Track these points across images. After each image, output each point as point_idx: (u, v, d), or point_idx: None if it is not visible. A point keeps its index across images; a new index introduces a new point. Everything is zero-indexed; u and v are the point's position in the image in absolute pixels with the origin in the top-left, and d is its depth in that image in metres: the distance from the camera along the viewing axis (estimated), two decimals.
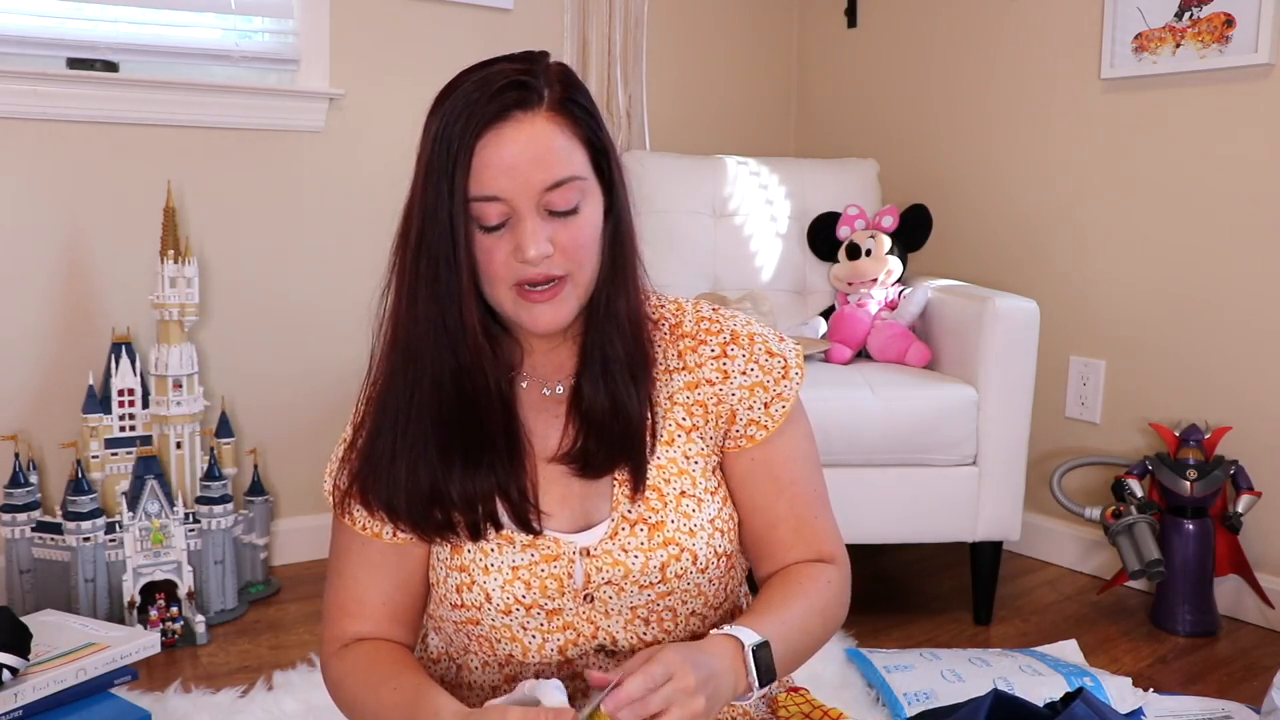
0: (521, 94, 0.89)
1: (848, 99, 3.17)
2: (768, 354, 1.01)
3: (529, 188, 0.89)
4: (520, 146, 0.88)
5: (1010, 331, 2.15)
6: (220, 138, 2.39)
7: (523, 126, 0.89)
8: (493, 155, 0.88)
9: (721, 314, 1.04)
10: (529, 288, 0.92)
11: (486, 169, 0.88)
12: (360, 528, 1.01)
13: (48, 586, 2.10)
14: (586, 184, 0.92)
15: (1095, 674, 1.89)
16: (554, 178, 0.89)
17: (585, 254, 0.93)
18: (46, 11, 2.21)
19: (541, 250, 0.89)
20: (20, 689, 1.43)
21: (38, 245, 2.22)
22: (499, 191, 0.89)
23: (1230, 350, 2.30)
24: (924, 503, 2.15)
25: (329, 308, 2.54)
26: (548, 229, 0.90)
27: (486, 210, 0.89)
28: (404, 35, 2.58)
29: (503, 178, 0.88)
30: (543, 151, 0.89)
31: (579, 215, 0.92)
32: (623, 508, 0.98)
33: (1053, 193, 2.63)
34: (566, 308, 0.93)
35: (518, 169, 0.88)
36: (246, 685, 1.86)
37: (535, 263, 0.90)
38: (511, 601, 0.97)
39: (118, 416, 2.17)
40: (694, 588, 0.99)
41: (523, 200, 0.89)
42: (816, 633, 1.00)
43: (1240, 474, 2.20)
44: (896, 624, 2.23)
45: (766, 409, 1.01)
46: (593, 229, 0.93)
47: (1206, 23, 2.28)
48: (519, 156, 0.88)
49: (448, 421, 0.94)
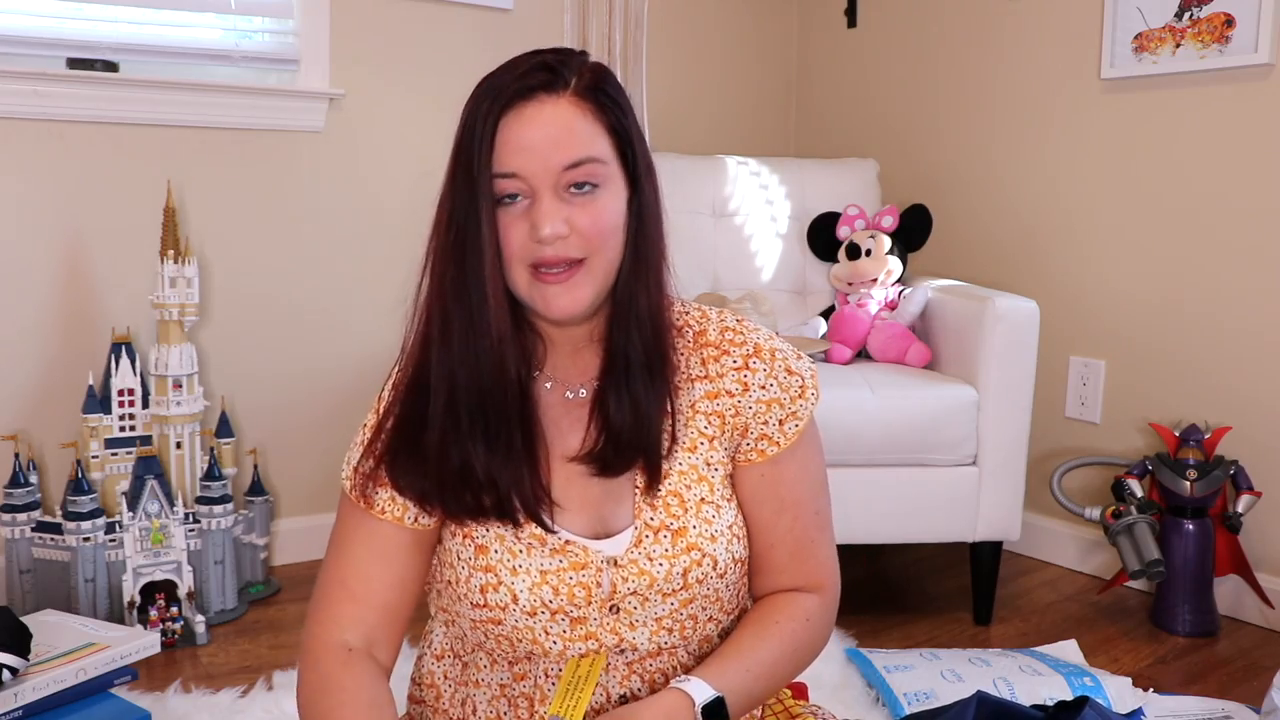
0: (548, 77, 0.91)
1: (848, 99, 3.17)
2: (787, 372, 1.02)
3: (547, 166, 0.89)
4: (541, 126, 0.90)
5: (1010, 331, 2.15)
6: (220, 138, 2.39)
7: (545, 107, 0.90)
8: (514, 133, 0.90)
9: (745, 325, 1.03)
10: (544, 270, 0.91)
11: (507, 146, 0.90)
12: (379, 511, 0.99)
13: (48, 586, 2.10)
14: (608, 169, 0.92)
15: (1095, 674, 1.89)
16: (572, 157, 0.90)
17: (603, 238, 0.92)
18: (46, 11, 2.21)
19: (556, 230, 0.89)
20: (20, 689, 1.43)
21: (38, 245, 2.22)
22: (517, 169, 0.90)
23: (1230, 350, 2.30)
24: (924, 503, 2.15)
25: (329, 307, 2.53)
26: (565, 210, 0.90)
27: (506, 188, 0.90)
28: (404, 35, 2.58)
29: (522, 155, 0.89)
30: (563, 132, 0.90)
31: (598, 199, 0.91)
32: (645, 515, 0.98)
33: (1053, 192, 2.62)
34: (581, 293, 0.92)
35: (536, 148, 0.89)
36: (246, 685, 1.86)
37: (549, 242, 0.89)
38: (539, 604, 0.96)
39: (118, 416, 2.17)
40: (713, 593, 0.99)
41: (541, 179, 0.90)
42: (784, 675, 1.01)
43: (1240, 474, 2.20)
44: (896, 624, 2.23)
45: (780, 425, 1.01)
46: (613, 215, 0.93)
47: (1206, 23, 2.28)
48: (539, 135, 0.89)
49: (470, 405, 0.94)
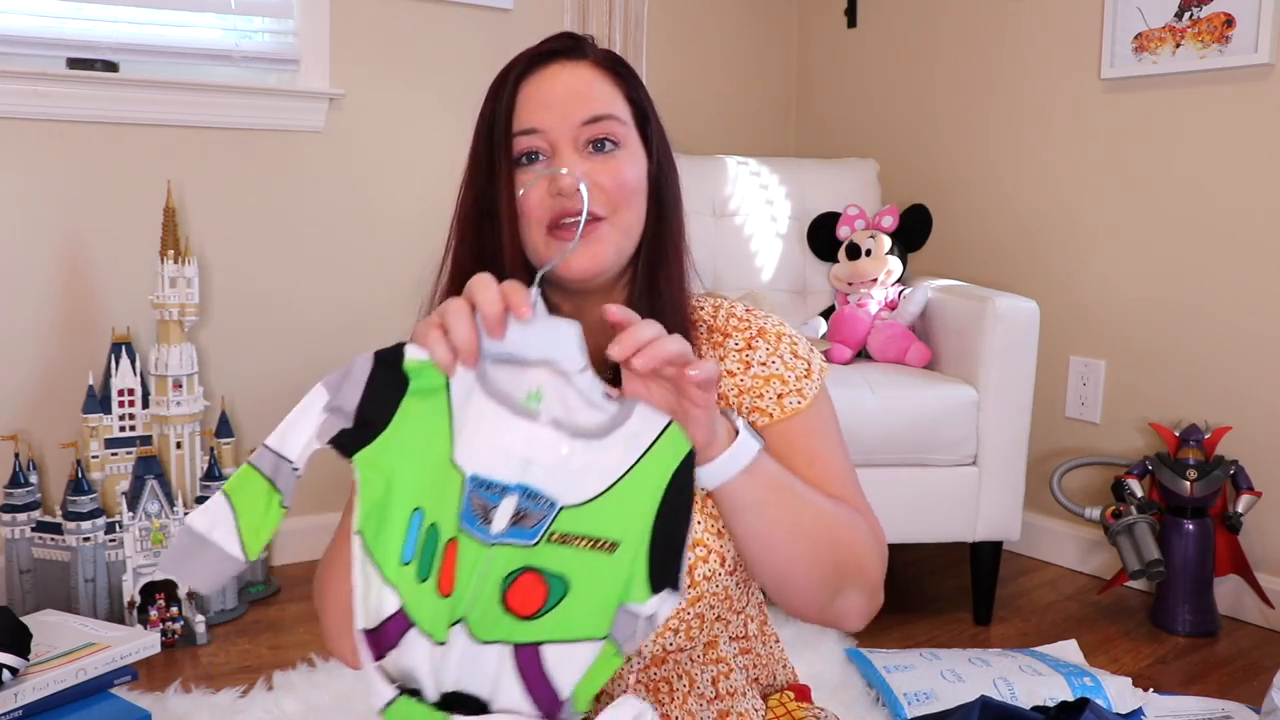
0: (570, 43, 0.94)
1: (848, 99, 3.17)
2: (793, 354, 0.98)
3: (566, 121, 0.90)
4: (561, 83, 0.91)
5: (1010, 331, 2.15)
6: (220, 138, 2.39)
7: (565, 67, 0.92)
8: (534, 91, 0.91)
9: (755, 314, 1.01)
10: (563, 226, 0.89)
11: (528, 103, 0.91)
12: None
13: (48, 586, 2.10)
14: (627, 131, 0.93)
15: (1095, 674, 1.89)
16: (592, 112, 0.90)
17: (625, 196, 0.91)
18: (46, 11, 2.21)
19: (576, 178, 0.88)
20: (20, 689, 1.43)
21: (38, 245, 2.22)
22: (537, 124, 0.90)
23: (1230, 350, 2.30)
24: (924, 503, 2.15)
25: (329, 307, 2.53)
26: (585, 165, 0.90)
27: (525, 145, 0.91)
28: (404, 35, 2.58)
29: (541, 111, 0.90)
30: (583, 88, 0.91)
31: (618, 158, 0.91)
32: None
33: (1053, 193, 2.62)
34: (603, 248, 0.90)
35: (555, 103, 0.90)
36: (246, 685, 1.86)
37: (569, 192, 0.88)
38: None
39: (118, 416, 2.17)
40: (722, 590, 0.95)
41: (561, 132, 0.90)
42: (825, 531, 0.88)
43: (1240, 474, 2.20)
44: (896, 624, 2.23)
45: (779, 400, 0.96)
46: (633, 177, 0.92)
47: (1206, 23, 2.28)
48: (559, 91, 0.91)
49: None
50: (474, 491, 0.74)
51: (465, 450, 0.74)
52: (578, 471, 0.74)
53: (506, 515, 0.73)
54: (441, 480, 0.74)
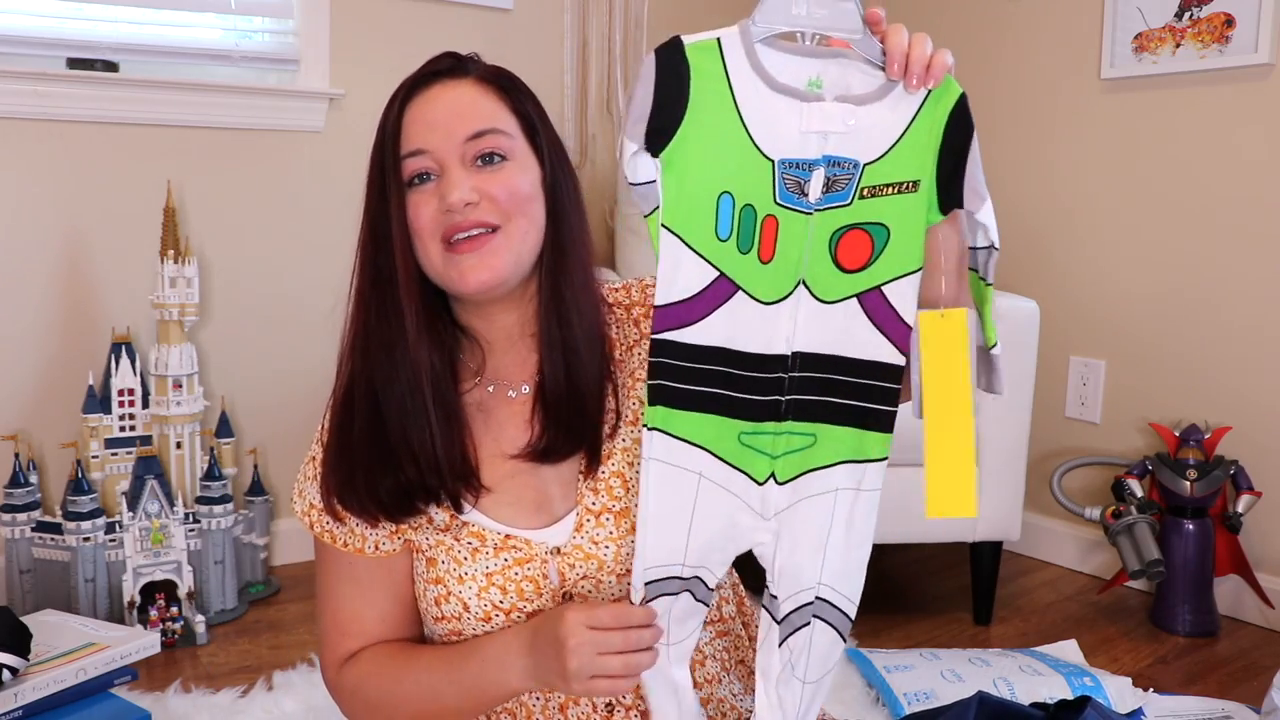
0: (451, 63, 0.96)
1: None
2: None
3: (451, 139, 0.92)
4: (444, 103, 0.93)
5: (1010, 331, 2.15)
6: (220, 138, 2.39)
7: (448, 87, 0.94)
8: (419, 113, 0.93)
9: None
10: (457, 240, 0.91)
11: (413, 125, 0.93)
12: (341, 545, 0.99)
13: (48, 586, 2.10)
14: (514, 143, 0.94)
15: (1095, 674, 1.89)
16: (475, 128, 0.92)
17: (517, 205, 0.93)
18: (46, 11, 2.21)
19: (463, 195, 0.90)
20: (20, 689, 1.43)
21: (38, 245, 2.22)
22: (423, 144, 0.92)
23: (1230, 350, 2.30)
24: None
25: (329, 307, 2.53)
26: (473, 179, 0.92)
27: (414, 167, 0.92)
28: (404, 35, 2.58)
29: (426, 132, 0.92)
30: (465, 106, 0.93)
31: (506, 168, 0.93)
32: (586, 500, 0.96)
33: (1053, 193, 2.62)
34: (498, 260, 0.92)
35: (439, 123, 0.92)
36: (246, 685, 1.86)
37: (458, 208, 0.90)
38: (489, 608, 0.95)
39: (118, 416, 2.17)
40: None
41: (447, 152, 0.92)
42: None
43: (1240, 474, 2.20)
44: (896, 624, 2.23)
45: None
46: (526, 183, 0.94)
47: (1206, 23, 2.28)
48: (442, 110, 0.93)
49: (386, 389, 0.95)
50: (785, 173, 0.84)
51: (768, 140, 0.84)
52: (868, 130, 0.84)
53: (819, 185, 0.84)
54: (747, 168, 0.84)
